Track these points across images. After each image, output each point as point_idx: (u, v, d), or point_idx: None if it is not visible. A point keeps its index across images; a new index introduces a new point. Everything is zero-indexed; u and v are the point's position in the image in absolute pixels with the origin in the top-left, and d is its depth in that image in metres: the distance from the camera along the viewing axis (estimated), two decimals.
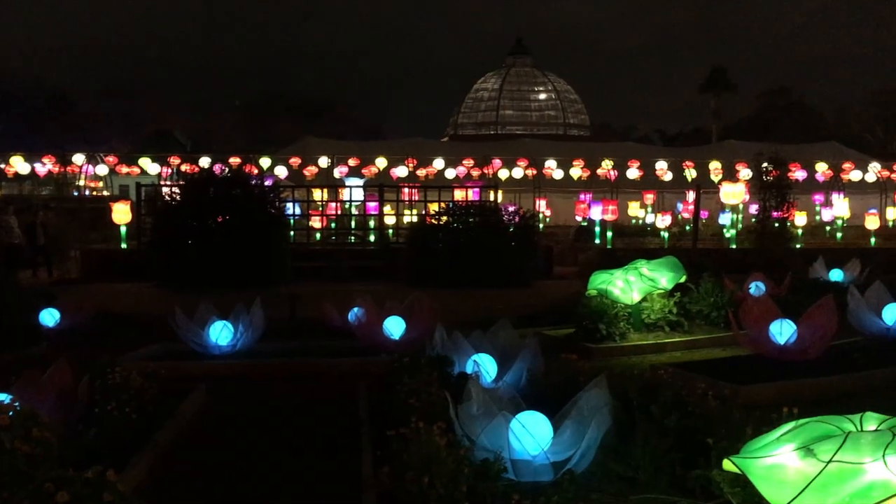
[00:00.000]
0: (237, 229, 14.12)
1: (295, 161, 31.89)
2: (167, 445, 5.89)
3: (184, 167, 29.48)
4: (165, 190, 16.33)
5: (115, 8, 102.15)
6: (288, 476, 5.45)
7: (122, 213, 18.69)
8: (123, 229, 18.94)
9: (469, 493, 4.16)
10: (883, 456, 3.08)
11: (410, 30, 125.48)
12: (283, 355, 8.94)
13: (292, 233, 17.71)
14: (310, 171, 31.61)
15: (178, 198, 14.92)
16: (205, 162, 29.20)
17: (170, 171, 30.66)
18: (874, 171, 34.67)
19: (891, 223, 30.95)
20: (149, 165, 30.74)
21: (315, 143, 36.36)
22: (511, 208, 16.31)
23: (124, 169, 32.55)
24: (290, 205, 17.80)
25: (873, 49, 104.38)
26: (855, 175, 33.63)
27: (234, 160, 28.92)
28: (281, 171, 30.25)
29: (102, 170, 32.23)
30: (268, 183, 17.38)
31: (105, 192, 34.44)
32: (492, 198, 19.83)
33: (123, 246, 18.75)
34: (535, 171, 33.84)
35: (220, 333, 8.82)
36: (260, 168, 28.91)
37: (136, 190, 19.10)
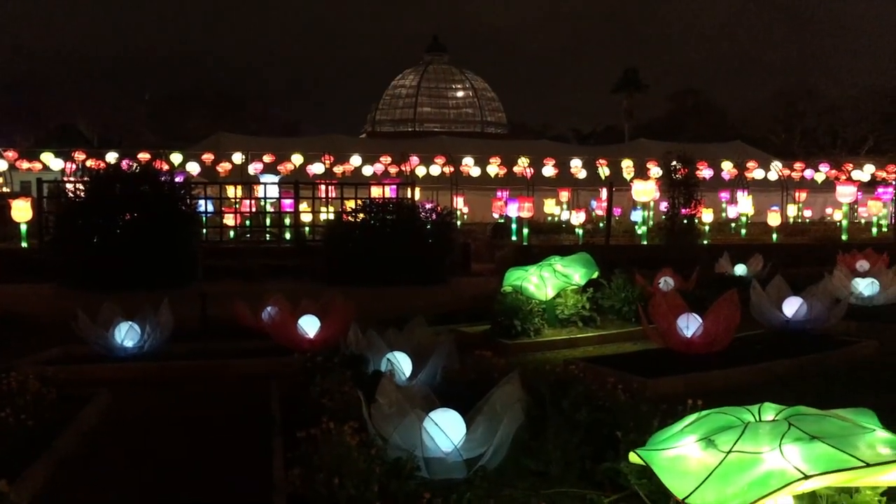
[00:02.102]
0: (145, 227, 13.69)
1: (208, 157, 31.19)
2: (67, 453, 5.63)
3: (89, 163, 28.41)
4: (69, 186, 15.69)
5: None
6: (197, 481, 5.29)
7: (22, 211, 17.92)
8: (24, 227, 18.14)
9: (381, 492, 4.12)
10: (779, 445, 3.19)
11: (328, 26, 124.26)
12: (192, 357, 8.70)
13: (204, 231, 17.28)
14: (223, 167, 30.99)
15: (82, 194, 14.36)
16: (112, 157, 28.19)
17: (74, 166, 29.51)
18: (776, 169, 36.21)
19: (791, 220, 32.39)
20: (51, 161, 29.55)
21: (229, 140, 35.65)
22: (428, 205, 16.33)
23: (25, 164, 31.21)
24: (202, 202, 17.37)
25: (779, 52, 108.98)
26: (758, 174, 35.06)
27: (144, 156, 28.01)
28: (193, 168, 29.56)
29: (2, 165, 30.80)
30: (178, 179, 16.89)
31: (5, 189, 32.90)
32: (409, 195, 19.82)
33: (24, 244, 17.95)
34: (452, 169, 34.01)
35: (126, 335, 8.51)
36: (171, 164, 28.16)
37: (38, 186, 18.30)
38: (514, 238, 22.97)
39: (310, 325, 8.81)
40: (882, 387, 6.97)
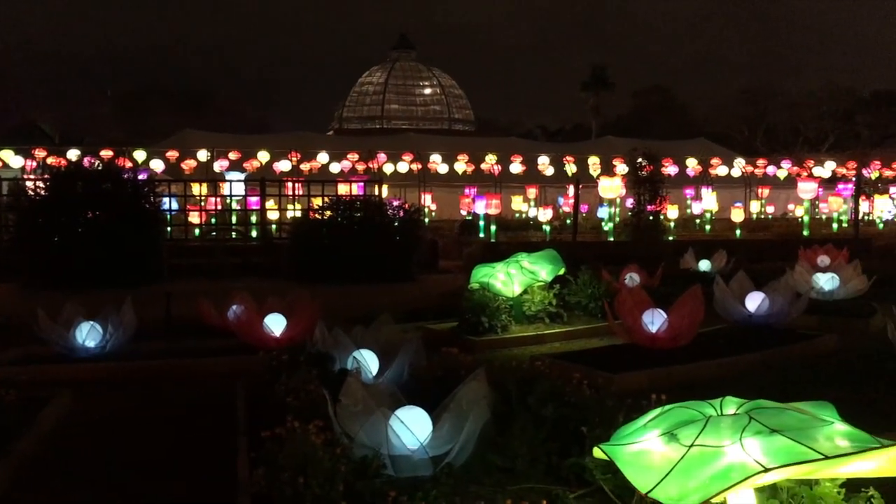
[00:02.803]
0: (108, 226, 13.47)
1: (172, 154, 30.82)
2: (26, 456, 5.53)
3: (50, 160, 27.91)
4: (30, 185, 15.38)
5: None
6: (160, 483, 5.23)
7: None
8: None
9: (346, 491, 4.10)
10: (740, 439, 3.22)
11: (294, 21, 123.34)
12: (156, 356, 8.59)
13: (169, 229, 17.04)
14: (188, 164, 30.65)
15: (43, 193, 14.09)
16: (73, 155, 27.74)
17: (35, 164, 28.97)
18: (739, 166, 36.71)
19: (754, 216, 32.85)
20: (11, 158, 28.96)
21: (194, 136, 35.25)
22: (396, 203, 16.29)
23: None
24: (166, 200, 17.14)
25: (742, 51, 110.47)
26: (722, 170, 35.53)
27: (107, 153, 27.62)
28: (157, 165, 29.19)
29: None
30: (142, 177, 16.64)
31: None
32: (377, 192, 19.75)
33: None
34: (420, 166, 33.98)
35: (88, 335, 8.38)
36: (134, 161, 27.76)
37: None
38: (481, 235, 23.01)
39: (276, 324, 8.75)
40: (841, 380, 7.09)
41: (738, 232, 24.87)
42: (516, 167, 34.34)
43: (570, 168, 34.47)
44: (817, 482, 3.67)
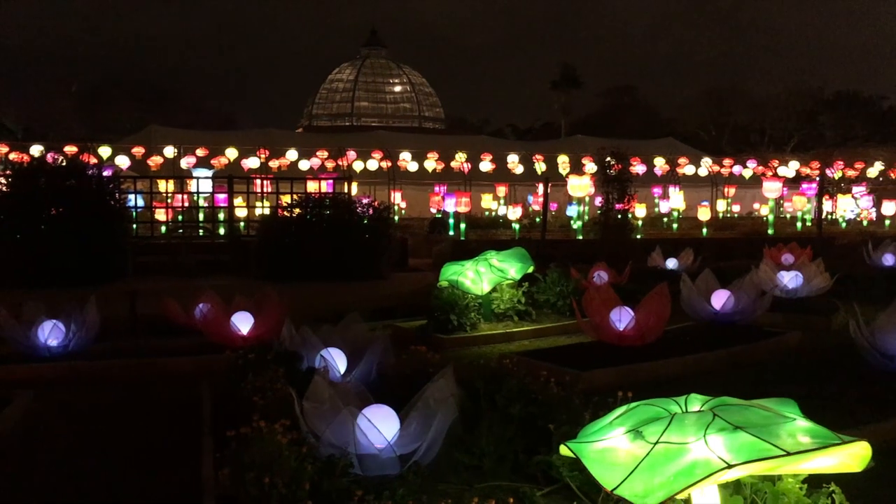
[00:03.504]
0: (71, 223, 13.27)
1: (138, 151, 30.44)
2: None
3: (13, 156, 27.40)
4: None
5: None
6: (124, 485, 5.15)
7: None
8: None
9: (313, 491, 4.07)
10: (704, 435, 3.25)
11: (262, 17, 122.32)
12: (120, 355, 8.46)
13: (135, 226, 16.83)
14: (154, 161, 30.28)
15: (5, 189, 13.83)
16: (37, 150, 27.29)
17: None
18: (706, 165, 37.12)
19: (721, 215, 33.26)
20: None
21: (161, 132, 34.85)
22: (365, 201, 16.23)
23: None
24: (132, 197, 16.91)
25: (710, 52, 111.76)
26: (689, 169, 35.92)
27: (71, 149, 27.16)
28: (123, 162, 28.79)
29: None
30: (107, 173, 16.39)
31: None
32: (346, 190, 19.67)
33: None
34: (389, 164, 33.89)
35: (50, 333, 8.23)
36: (99, 158, 27.34)
37: None
38: (451, 233, 23.01)
39: (243, 322, 8.67)
40: (805, 376, 7.18)
41: (704, 230, 25.14)
42: (486, 165, 34.43)
43: (540, 167, 34.61)
44: (780, 478, 3.72)
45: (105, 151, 29.67)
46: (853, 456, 3.29)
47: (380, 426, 4.68)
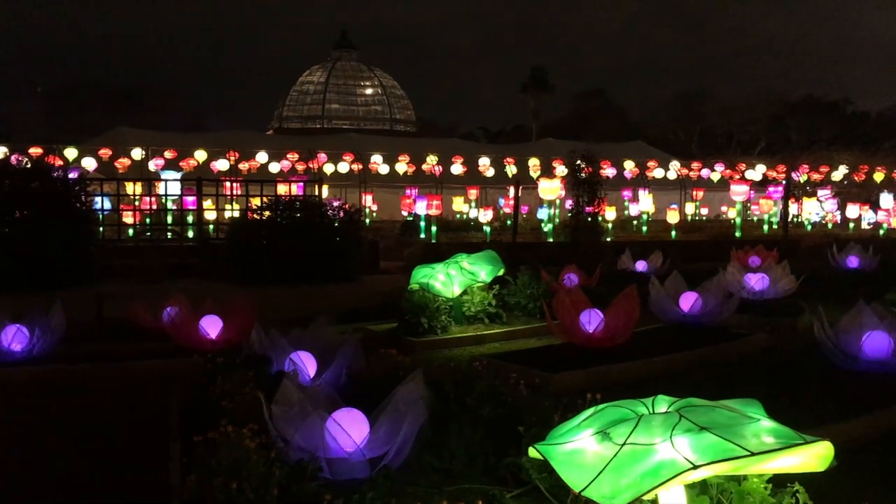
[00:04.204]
0: (36, 225, 13.07)
1: (105, 152, 30.02)
2: None
3: None
4: None
5: None
6: (90, 490, 5.08)
7: None
8: None
9: (281, 495, 4.05)
10: (671, 436, 3.28)
11: (233, 18, 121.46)
12: (86, 360, 8.33)
13: (101, 229, 16.61)
14: (122, 163, 29.89)
15: None
16: (0, 152, 26.78)
17: None
18: (675, 169, 37.46)
19: (689, 217, 33.59)
20: None
21: (128, 134, 34.40)
22: (336, 203, 16.16)
23: None
24: (98, 199, 16.69)
25: (679, 56, 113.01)
26: (658, 173, 36.19)
27: (36, 150, 26.73)
28: (89, 164, 28.35)
29: None
30: (73, 175, 16.16)
31: None
32: (317, 193, 19.58)
33: None
34: (361, 166, 33.79)
35: (13, 338, 8.09)
36: (65, 159, 26.94)
37: None
38: (422, 236, 23.00)
39: (212, 326, 8.60)
40: (770, 377, 7.29)
41: (673, 233, 25.37)
42: (457, 168, 34.43)
43: (511, 169, 34.70)
44: (745, 478, 3.76)
45: (71, 153, 29.22)
46: (816, 456, 3.34)
47: (349, 430, 4.67)
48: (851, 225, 30.20)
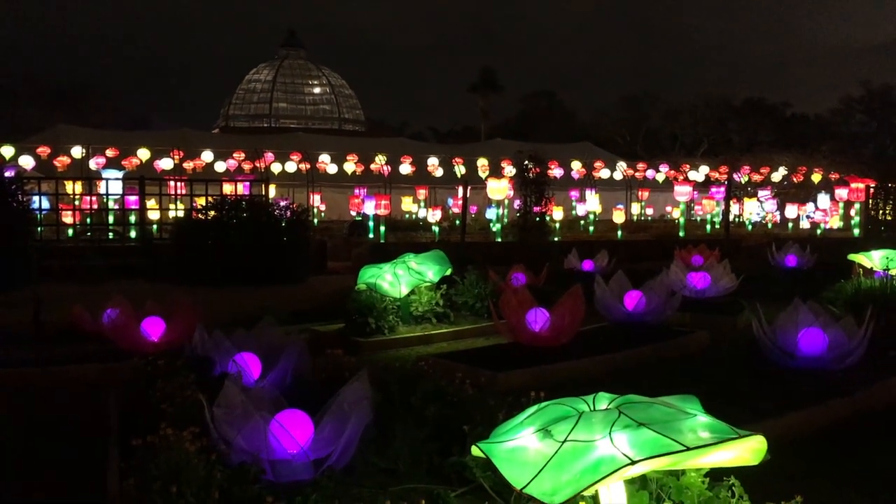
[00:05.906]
0: None
1: (44, 150, 29.25)
2: None
3: None
4: None
5: None
6: (24, 498, 4.93)
7: None
8: None
9: (222, 498, 3.99)
10: (610, 433, 3.33)
11: (177, 13, 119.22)
12: (21, 363, 8.09)
13: (39, 229, 16.18)
14: (61, 161, 29.15)
15: None
16: None
17: None
18: (621, 169, 38.01)
19: (635, 217, 34.12)
20: None
21: (68, 132, 33.56)
22: (283, 203, 16.02)
23: None
24: (36, 198, 16.26)
25: (625, 59, 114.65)
26: (605, 173, 36.68)
27: None
28: (27, 162, 27.57)
29: None
30: (9, 174, 15.71)
31: None
32: (264, 192, 19.37)
33: None
34: (308, 166, 33.52)
35: None
36: (1, 158, 26.15)
37: None
38: (371, 236, 22.93)
39: (154, 328, 8.43)
40: (711, 374, 7.44)
41: (619, 233, 25.74)
42: (406, 168, 34.39)
43: (460, 169, 34.77)
44: (683, 472, 3.83)
45: (7, 151, 28.39)
46: (750, 450, 3.42)
47: (293, 431, 4.63)
48: (790, 224, 31.00)
